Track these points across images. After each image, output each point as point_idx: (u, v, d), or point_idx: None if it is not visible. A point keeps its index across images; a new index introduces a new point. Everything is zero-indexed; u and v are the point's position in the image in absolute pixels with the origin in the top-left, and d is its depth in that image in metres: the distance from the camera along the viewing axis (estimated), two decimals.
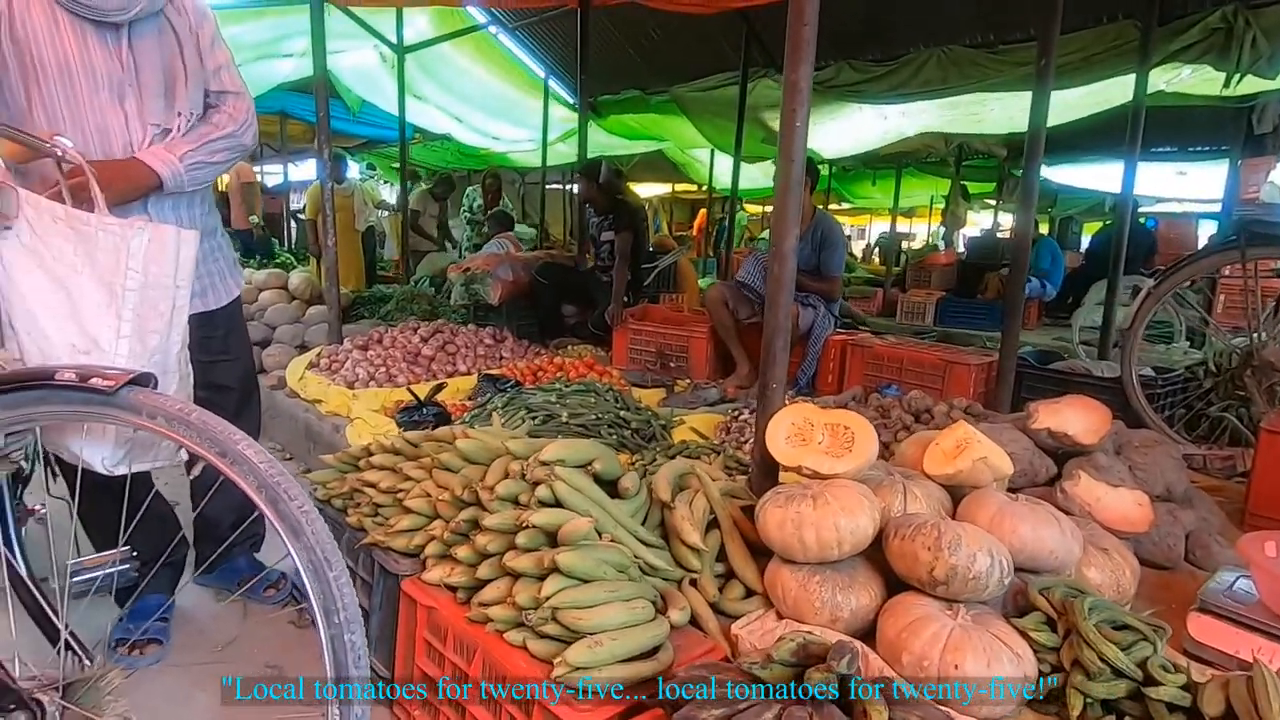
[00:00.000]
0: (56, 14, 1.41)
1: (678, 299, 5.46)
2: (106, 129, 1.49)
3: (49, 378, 0.96)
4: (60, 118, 1.44)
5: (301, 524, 0.93)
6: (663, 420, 2.76)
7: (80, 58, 1.44)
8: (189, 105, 1.60)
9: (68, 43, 1.43)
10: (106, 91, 1.47)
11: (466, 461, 1.65)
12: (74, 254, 1.08)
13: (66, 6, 1.42)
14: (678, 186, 14.20)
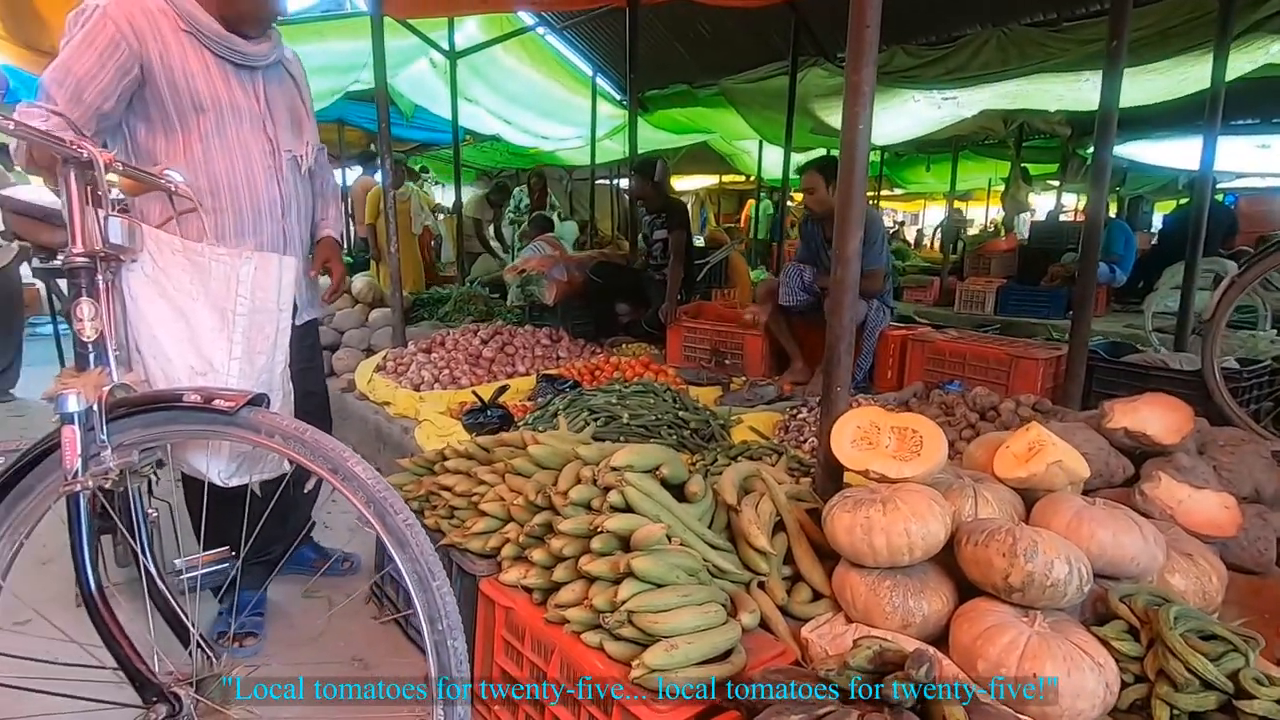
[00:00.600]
0: (206, 59, 1.65)
1: (730, 294, 5.45)
2: (250, 154, 1.73)
3: (177, 400, 1.05)
4: (214, 145, 1.66)
5: (407, 537, 1.00)
6: (721, 420, 2.78)
7: (228, 96, 1.68)
8: (313, 137, 1.91)
9: (217, 83, 1.66)
10: (249, 123, 1.72)
11: (538, 466, 1.72)
12: (190, 283, 1.18)
13: (218, 53, 1.66)
14: (725, 177, 14.08)
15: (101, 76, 1.53)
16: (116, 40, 1.54)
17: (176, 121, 1.64)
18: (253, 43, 1.71)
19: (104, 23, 1.53)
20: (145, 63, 1.58)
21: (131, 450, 1.08)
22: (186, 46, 1.62)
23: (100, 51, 1.52)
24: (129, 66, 1.56)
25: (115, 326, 1.13)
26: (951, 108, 6.05)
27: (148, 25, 1.58)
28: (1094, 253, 2.99)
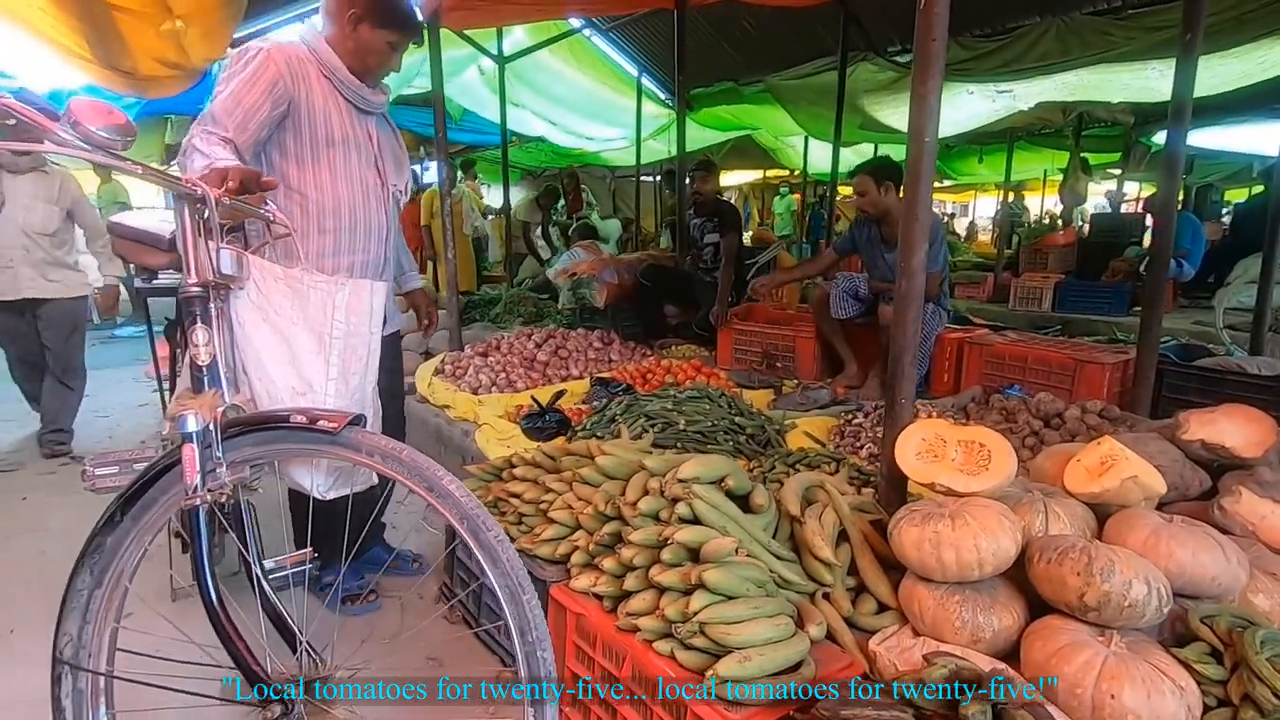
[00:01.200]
0: (339, 102, 1.92)
1: (778, 294, 5.42)
2: (366, 185, 1.99)
3: (285, 420, 1.13)
4: (340, 175, 1.93)
5: (499, 553, 1.06)
6: (776, 425, 2.79)
7: (352, 134, 1.94)
8: (408, 178, 2.17)
9: (346, 123, 1.92)
10: (364, 159, 1.98)
11: (605, 477, 1.77)
12: (291, 308, 1.26)
13: (347, 97, 1.92)
14: (769, 172, 13.95)
15: (263, 109, 1.76)
16: (276, 80, 1.78)
17: (309, 152, 1.89)
18: (373, 92, 1.98)
19: (268, 64, 1.77)
20: (294, 101, 1.83)
21: (243, 466, 1.17)
22: (326, 90, 1.89)
23: (264, 89, 1.76)
24: (282, 103, 1.81)
25: (225, 350, 1.21)
26: (1007, 100, 5.89)
27: (299, 69, 1.84)
28: (1165, 250, 2.89)
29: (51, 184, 3.56)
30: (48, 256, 3.56)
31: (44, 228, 3.53)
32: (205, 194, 1.17)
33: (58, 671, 1.18)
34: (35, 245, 3.50)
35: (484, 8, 3.93)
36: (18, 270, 3.48)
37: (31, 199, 3.47)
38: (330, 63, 1.88)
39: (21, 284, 3.50)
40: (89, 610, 1.19)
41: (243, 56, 1.80)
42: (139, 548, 1.20)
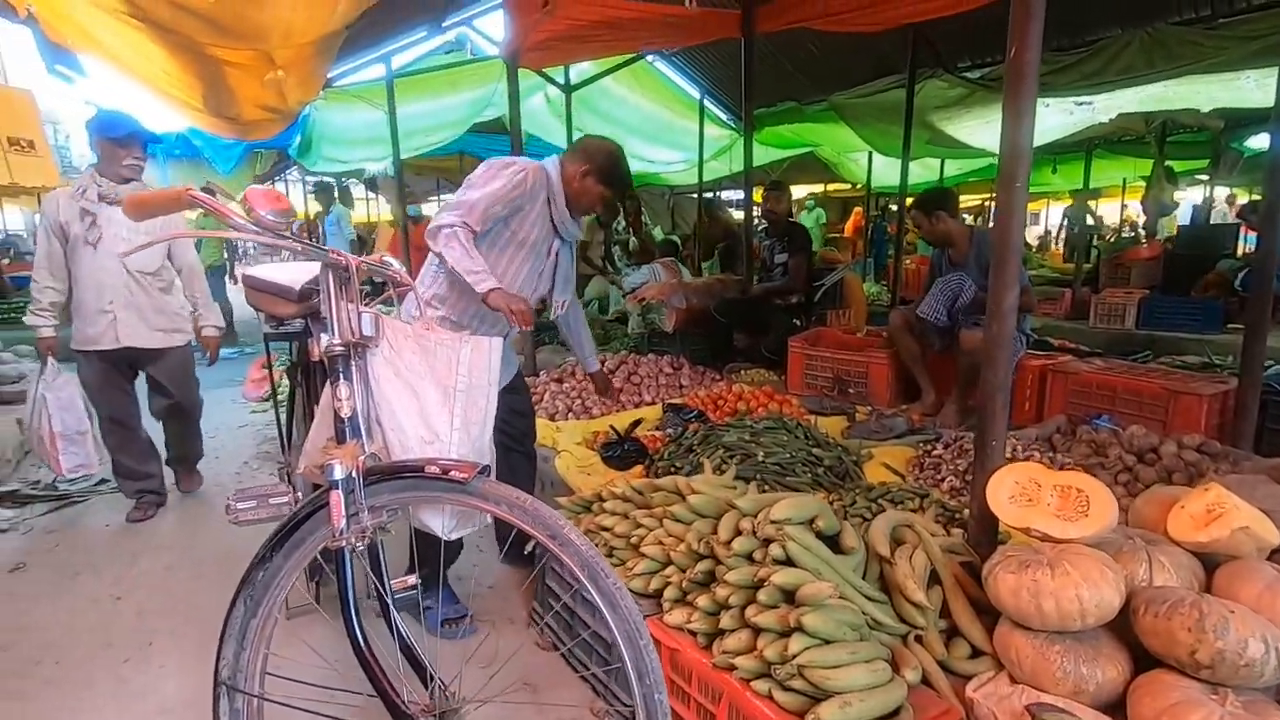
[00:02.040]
0: (546, 220, 2.30)
1: (845, 315, 5.38)
2: (532, 285, 2.36)
3: (420, 470, 1.24)
4: (521, 270, 2.29)
5: (617, 599, 1.13)
6: (853, 456, 2.79)
7: (540, 246, 2.32)
8: (572, 295, 2.57)
9: (541, 237, 2.30)
10: (540, 269, 2.37)
11: (696, 515, 1.83)
12: (419, 363, 1.37)
13: (553, 219, 2.30)
14: (830, 186, 13.81)
15: (502, 211, 2.16)
16: (524, 193, 2.19)
17: (503, 242, 2.24)
18: (573, 224, 2.38)
19: (525, 182, 2.18)
20: (521, 210, 2.21)
21: (382, 511, 1.28)
22: (542, 208, 2.27)
23: (512, 199, 2.17)
24: (515, 209, 2.20)
25: (362, 403, 1.34)
26: (1086, 112, 5.71)
27: (538, 189, 2.23)
28: (1270, 264, 2.75)
29: (152, 225, 3.04)
30: (151, 300, 3.07)
31: (146, 265, 3.05)
32: (349, 264, 1.30)
33: (217, 692, 1.32)
34: (138, 286, 3.02)
35: (560, 48, 4.09)
36: (118, 315, 2.98)
37: (131, 233, 2.96)
38: (556, 188, 2.26)
39: (122, 331, 3.00)
40: (244, 638, 1.32)
41: (509, 167, 2.19)
42: (288, 582, 1.32)
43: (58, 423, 2.96)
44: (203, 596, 2.57)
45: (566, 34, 3.81)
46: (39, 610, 2.49)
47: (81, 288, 2.97)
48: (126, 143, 2.92)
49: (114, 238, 2.93)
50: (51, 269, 2.94)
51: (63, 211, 2.89)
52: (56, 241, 2.92)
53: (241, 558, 1.36)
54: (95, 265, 2.93)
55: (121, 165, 2.93)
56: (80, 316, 2.99)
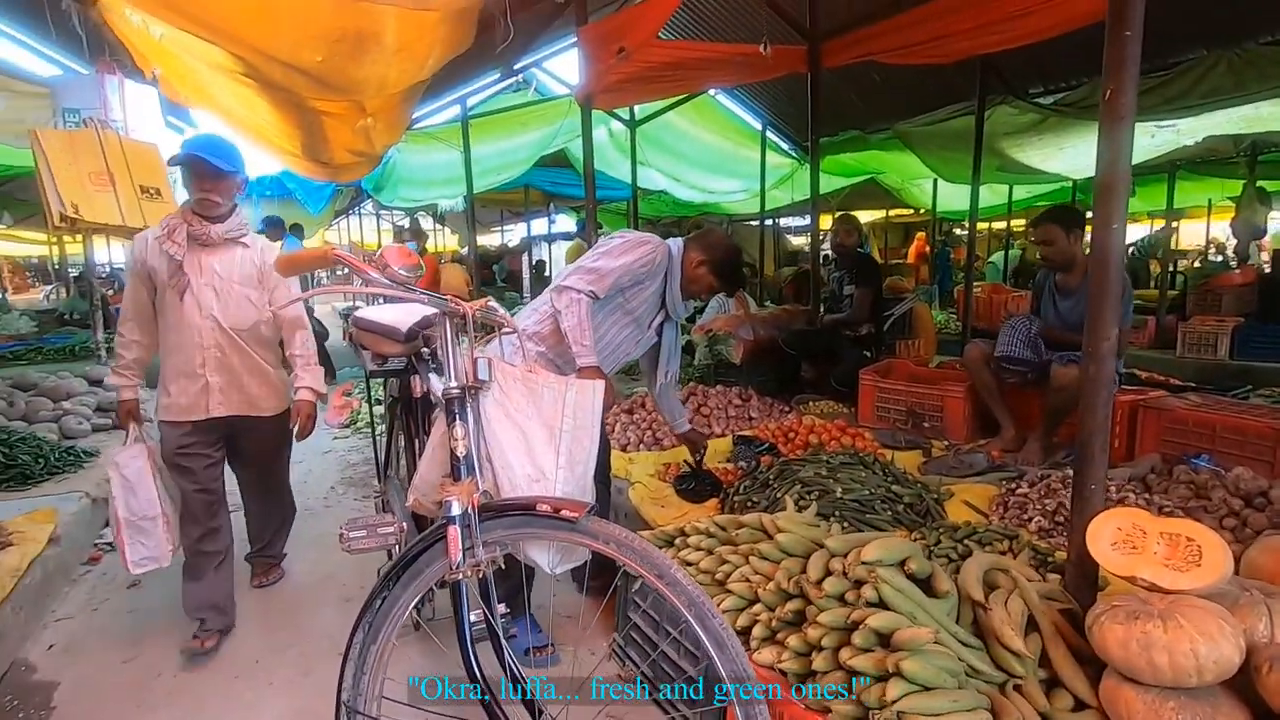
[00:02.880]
0: (659, 298, 2.50)
1: (915, 345, 5.30)
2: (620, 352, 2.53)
3: (532, 508, 1.32)
4: (618, 331, 2.47)
5: (724, 639, 1.17)
6: (934, 493, 2.75)
7: (645, 317, 2.51)
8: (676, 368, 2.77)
9: (649, 310, 2.50)
10: (637, 339, 2.54)
11: (784, 553, 1.84)
12: (527, 404, 1.45)
13: (664, 300, 2.51)
14: (892, 211, 13.64)
15: (627, 282, 2.36)
16: (650, 270, 2.40)
17: (611, 309, 2.43)
18: (684, 306, 2.56)
19: (654, 258, 2.40)
20: (641, 283, 2.42)
21: (495, 546, 1.36)
22: (660, 285, 2.47)
23: (641, 273, 2.38)
24: (637, 281, 2.40)
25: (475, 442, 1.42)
26: (1169, 135, 5.51)
27: (660, 268, 2.44)
28: None
29: (249, 260, 2.53)
30: (248, 361, 2.52)
31: (242, 320, 2.49)
32: (466, 312, 1.40)
33: (339, 714, 1.40)
34: (234, 346, 2.48)
35: (631, 89, 4.24)
36: (209, 380, 2.45)
37: (226, 281, 2.46)
38: (675, 269, 2.47)
39: (213, 399, 2.46)
40: (364, 662, 1.41)
41: (645, 244, 2.40)
42: (404, 611, 1.41)
43: (122, 506, 2.38)
44: (304, 617, 2.71)
45: (637, 76, 3.95)
46: (156, 624, 2.67)
47: (168, 347, 2.46)
48: (195, 168, 2.36)
49: (203, 288, 2.42)
50: (138, 320, 2.48)
51: (150, 254, 2.42)
52: (144, 288, 2.45)
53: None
54: (183, 320, 2.41)
55: (195, 196, 2.40)
56: (166, 381, 2.47)
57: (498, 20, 3.35)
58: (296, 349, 2.67)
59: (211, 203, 2.38)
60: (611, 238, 2.47)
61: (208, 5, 2.63)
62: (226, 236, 2.45)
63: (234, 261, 2.48)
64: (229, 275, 2.47)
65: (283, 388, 2.66)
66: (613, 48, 3.36)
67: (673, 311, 2.56)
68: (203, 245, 2.42)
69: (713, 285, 2.52)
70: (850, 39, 4.44)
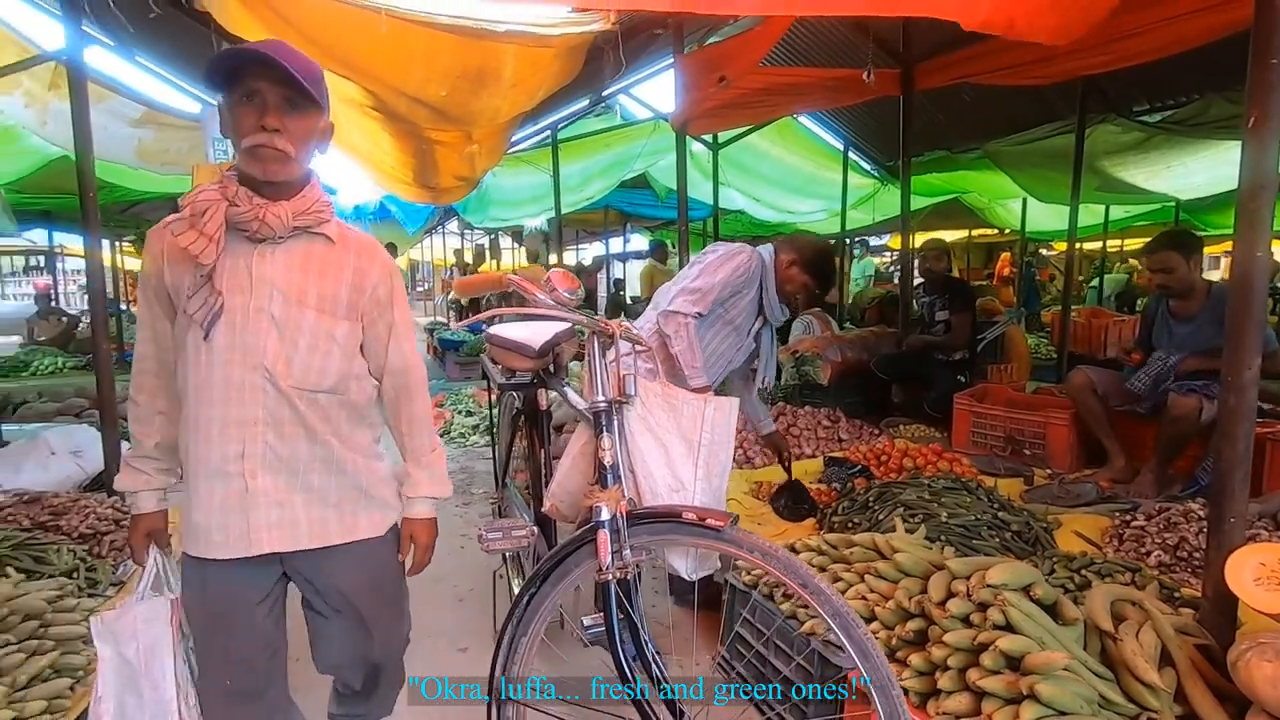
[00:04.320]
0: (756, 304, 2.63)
1: (1007, 370, 5.16)
2: (724, 362, 2.68)
3: (677, 515, 1.41)
4: (720, 343, 2.61)
5: (868, 648, 1.22)
6: (1042, 522, 2.69)
7: (745, 326, 2.65)
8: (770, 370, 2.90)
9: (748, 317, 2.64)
10: (739, 345, 2.69)
11: (902, 573, 1.87)
12: (667, 419, 1.55)
13: (762, 304, 2.63)
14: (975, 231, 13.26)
15: (726, 294, 2.50)
16: (746, 279, 2.53)
17: (712, 321, 2.55)
18: (781, 309, 2.67)
19: (749, 267, 2.53)
20: (740, 293, 2.55)
21: (640, 550, 1.45)
22: (755, 296, 2.60)
23: (739, 284, 2.52)
24: (735, 291, 2.52)
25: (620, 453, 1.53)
26: None
27: (755, 276, 2.57)
28: None
29: (335, 265, 1.39)
30: (324, 449, 1.40)
31: (320, 374, 1.37)
32: (613, 332, 1.52)
33: (490, 701, 1.52)
34: (295, 421, 1.36)
35: (725, 115, 4.36)
36: (251, 484, 1.33)
37: (293, 304, 1.34)
38: (769, 274, 2.59)
39: (258, 519, 1.35)
40: (514, 653, 1.52)
41: (738, 255, 2.53)
42: (553, 606, 1.52)
43: (112, 703, 1.35)
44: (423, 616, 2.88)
45: (732, 102, 4.06)
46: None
47: (186, 421, 1.36)
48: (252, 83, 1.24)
49: (251, 317, 1.32)
50: (161, 374, 1.42)
51: (169, 258, 1.33)
52: (164, 320, 1.39)
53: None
54: (211, 375, 1.32)
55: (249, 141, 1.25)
56: (189, 487, 1.36)
57: (605, 53, 3.53)
58: (413, 424, 1.54)
59: (276, 152, 1.25)
60: (706, 254, 2.60)
61: (353, 48, 2.91)
62: (298, 223, 1.32)
63: (309, 268, 1.35)
64: (299, 293, 1.34)
65: (382, 487, 1.50)
66: (713, 76, 3.48)
67: (770, 316, 2.65)
68: (253, 238, 1.31)
69: (806, 284, 2.59)
70: (945, 61, 4.43)
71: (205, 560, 1.35)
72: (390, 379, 1.50)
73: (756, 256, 2.58)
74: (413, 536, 1.54)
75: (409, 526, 1.54)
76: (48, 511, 2.79)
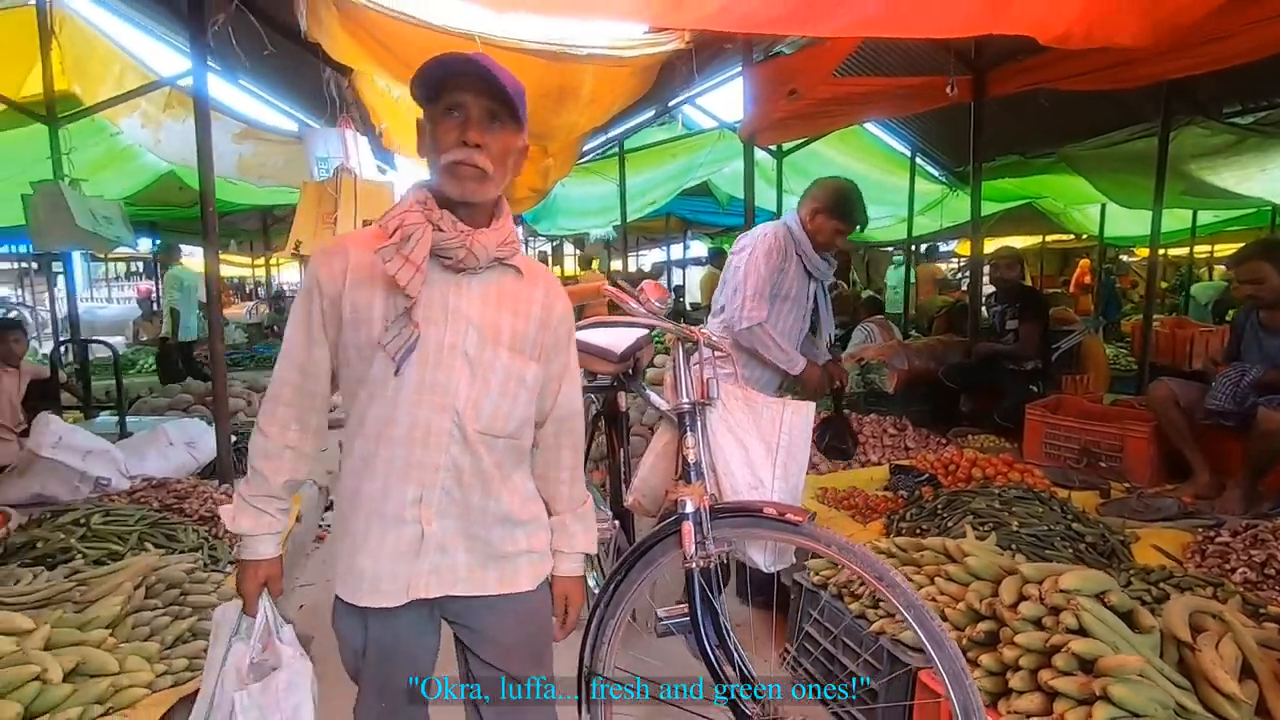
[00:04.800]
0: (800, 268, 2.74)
1: (1084, 381, 5.02)
2: (794, 335, 2.80)
3: (758, 511, 1.51)
4: (783, 322, 2.71)
5: (943, 640, 1.29)
6: (1119, 535, 2.66)
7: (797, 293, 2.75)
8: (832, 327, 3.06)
9: (796, 284, 2.73)
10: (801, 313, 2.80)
11: (973, 576, 1.91)
12: (746, 420, 1.66)
13: (806, 267, 2.70)
14: (1049, 237, 12.79)
15: (773, 279, 2.64)
16: (781, 256, 2.63)
17: (775, 305, 2.65)
18: (825, 265, 2.73)
19: (778, 244, 2.62)
20: (783, 269, 2.65)
21: (723, 542, 1.56)
22: (795, 261, 2.68)
23: (776, 266, 2.64)
24: (777, 270, 2.63)
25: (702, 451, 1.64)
26: None
27: (788, 249, 2.65)
28: None
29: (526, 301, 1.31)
30: (498, 500, 1.31)
31: (506, 418, 1.30)
32: (698, 338, 1.63)
33: (581, 679, 1.66)
34: (475, 468, 1.27)
35: (794, 125, 4.43)
36: (428, 530, 1.25)
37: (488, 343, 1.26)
38: (800, 238, 2.67)
39: (425, 564, 1.26)
40: (602, 634, 1.65)
41: (765, 241, 2.63)
42: (639, 592, 1.64)
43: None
44: None
45: (801, 113, 4.13)
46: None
47: (360, 461, 1.27)
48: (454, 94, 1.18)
49: (447, 354, 1.23)
50: (300, 405, 1.30)
51: (350, 280, 1.23)
52: (320, 346, 1.27)
53: None
54: (396, 413, 1.23)
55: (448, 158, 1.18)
56: (348, 525, 1.29)
57: (677, 66, 3.66)
58: (575, 473, 1.45)
59: (475, 170, 1.18)
60: (739, 251, 2.72)
61: None
62: (498, 254, 1.25)
63: (502, 304, 1.28)
64: (494, 331, 1.27)
65: (544, 539, 1.41)
66: (783, 89, 3.56)
67: (817, 274, 2.72)
68: (453, 268, 1.23)
69: (836, 228, 2.63)
70: (1020, 67, 4.37)
71: (369, 609, 1.27)
72: (554, 425, 1.40)
73: (781, 228, 2.67)
74: (567, 596, 1.43)
75: (563, 585, 1.43)
76: (172, 495, 3.11)
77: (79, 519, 2.51)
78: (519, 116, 1.23)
